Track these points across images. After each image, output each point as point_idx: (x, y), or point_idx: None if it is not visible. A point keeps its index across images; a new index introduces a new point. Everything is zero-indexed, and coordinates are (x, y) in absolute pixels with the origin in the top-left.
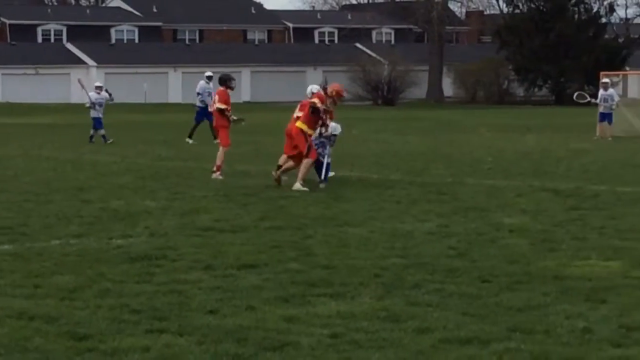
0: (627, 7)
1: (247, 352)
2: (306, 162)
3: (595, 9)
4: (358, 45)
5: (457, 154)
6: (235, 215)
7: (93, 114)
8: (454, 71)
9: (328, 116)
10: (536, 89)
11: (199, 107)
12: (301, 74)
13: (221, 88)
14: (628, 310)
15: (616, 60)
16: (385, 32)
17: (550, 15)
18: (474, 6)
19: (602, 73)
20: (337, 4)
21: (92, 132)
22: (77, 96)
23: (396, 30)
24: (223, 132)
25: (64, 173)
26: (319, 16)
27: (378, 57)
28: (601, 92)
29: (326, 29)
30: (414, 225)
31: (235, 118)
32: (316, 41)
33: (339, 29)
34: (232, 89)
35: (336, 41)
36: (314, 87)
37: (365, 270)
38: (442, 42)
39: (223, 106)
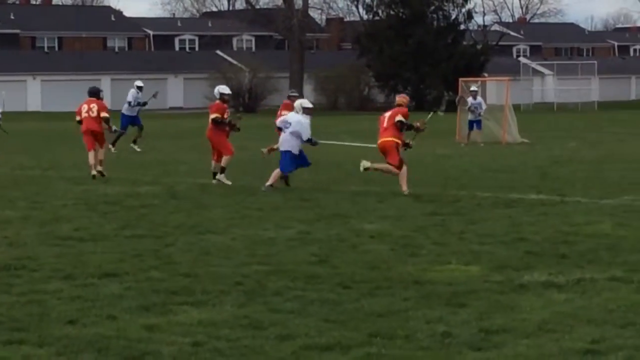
0: (484, 14)
1: None
2: (402, 172)
3: (453, 16)
4: (219, 52)
5: (320, 160)
6: (95, 224)
7: None
8: (315, 78)
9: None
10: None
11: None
12: (162, 81)
13: (98, 100)
14: (487, 313)
15: (475, 66)
16: (246, 40)
17: (410, 22)
18: (334, 13)
19: (461, 79)
20: (197, 11)
21: None
22: None
23: (257, 38)
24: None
25: None
26: (179, 23)
27: (239, 65)
28: (470, 100)
29: (187, 37)
30: (276, 232)
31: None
32: (177, 49)
33: (200, 37)
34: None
35: (197, 48)
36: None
37: (227, 278)
38: (303, 49)
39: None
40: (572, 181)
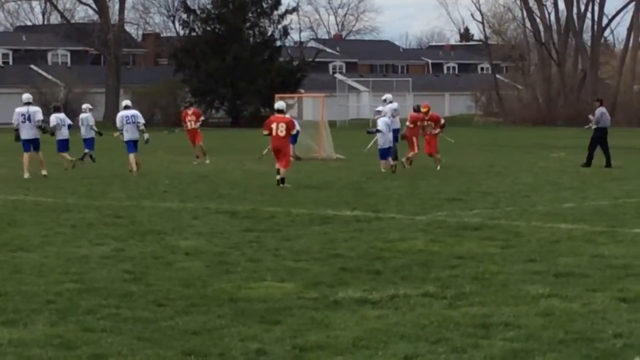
0: (301, 31)
1: None
2: None
3: (270, 32)
4: (33, 67)
5: (134, 176)
6: None
7: None
8: (131, 93)
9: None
10: (213, 111)
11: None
12: None
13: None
14: (301, 330)
15: (291, 82)
16: (61, 54)
17: (226, 38)
18: (150, 28)
19: (277, 95)
20: (11, 25)
21: None
22: None
23: (72, 52)
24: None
25: None
26: None
27: (54, 79)
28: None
29: (0, 51)
30: (89, 250)
31: None
32: None
33: (14, 50)
34: None
35: (11, 63)
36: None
37: (38, 297)
38: (119, 64)
39: None
40: (386, 197)
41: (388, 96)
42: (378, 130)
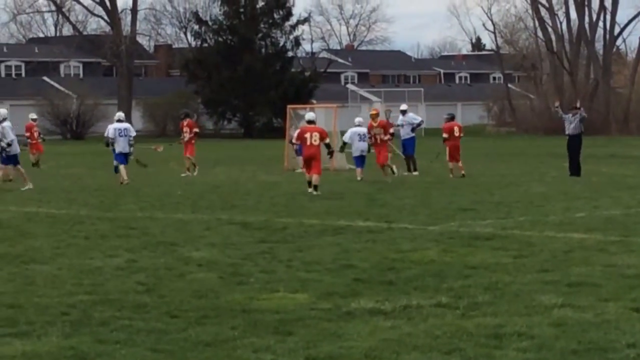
0: (312, 41)
1: None
2: None
3: (282, 43)
4: (46, 78)
5: (146, 187)
6: None
7: None
8: (144, 105)
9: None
10: (226, 122)
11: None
12: None
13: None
14: (314, 341)
15: (303, 93)
16: (73, 66)
17: (238, 49)
18: (162, 40)
19: (289, 106)
20: (23, 37)
21: None
22: None
23: (84, 64)
24: None
25: None
26: (5, 49)
27: (66, 91)
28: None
29: (13, 63)
30: (102, 261)
31: None
32: (2, 75)
33: (26, 63)
34: None
35: (23, 75)
36: (120, 115)
37: (52, 308)
38: (131, 76)
39: None
40: (399, 208)
41: (405, 107)
42: (344, 143)
